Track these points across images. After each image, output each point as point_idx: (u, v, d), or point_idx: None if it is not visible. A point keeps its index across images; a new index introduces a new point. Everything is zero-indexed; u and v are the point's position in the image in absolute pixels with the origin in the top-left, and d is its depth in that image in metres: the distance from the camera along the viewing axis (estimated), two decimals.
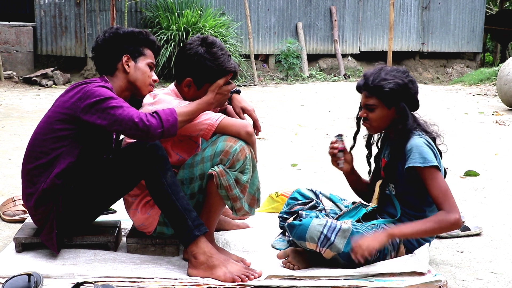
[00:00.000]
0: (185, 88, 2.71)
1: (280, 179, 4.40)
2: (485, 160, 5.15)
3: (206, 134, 2.61)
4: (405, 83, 2.61)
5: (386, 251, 2.58)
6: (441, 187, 2.52)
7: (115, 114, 2.43)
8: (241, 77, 11.70)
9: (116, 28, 2.72)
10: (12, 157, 5.00)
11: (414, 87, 2.65)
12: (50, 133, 2.56)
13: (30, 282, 2.30)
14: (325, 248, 2.49)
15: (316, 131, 6.78)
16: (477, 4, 14.80)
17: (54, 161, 2.55)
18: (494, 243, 3.09)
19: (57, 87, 10.69)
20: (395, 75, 2.62)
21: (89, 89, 2.52)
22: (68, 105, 2.54)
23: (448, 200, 2.51)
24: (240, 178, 2.56)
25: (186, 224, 2.51)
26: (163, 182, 2.51)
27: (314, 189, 3.03)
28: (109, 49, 2.68)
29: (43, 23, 11.64)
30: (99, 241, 2.76)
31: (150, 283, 2.42)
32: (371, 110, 2.65)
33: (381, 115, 2.65)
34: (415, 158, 2.54)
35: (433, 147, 2.60)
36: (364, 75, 2.70)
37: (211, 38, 2.71)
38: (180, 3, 11.66)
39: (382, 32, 13.92)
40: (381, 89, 2.59)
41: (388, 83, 2.59)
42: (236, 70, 2.70)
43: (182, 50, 2.70)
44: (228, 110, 2.92)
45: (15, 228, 3.12)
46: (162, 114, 2.45)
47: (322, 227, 2.50)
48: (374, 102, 2.63)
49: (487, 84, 11.65)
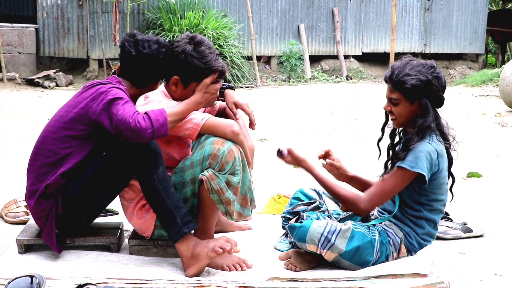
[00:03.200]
0: (172, 86, 2.70)
1: (282, 180, 4.40)
2: (487, 162, 5.14)
3: (192, 134, 2.60)
4: (428, 79, 2.58)
5: (387, 251, 2.59)
6: (387, 185, 2.57)
7: (117, 115, 2.44)
8: (243, 79, 11.70)
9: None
10: (14, 159, 5.01)
11: (439, 83, 2.61)
12: (61, 132, 2.57)
13: (32, 284, 2.30)
14: (325, 250, 2.49)
15: (319, 132, 6.77)
16: (479, 5, 14.78)
17: (62, 160, 2.56)
18: (497, 244, 3.08)
19: (60, 89, 10.70)
20: (420, 70, 2.59)
21: (103, 91, 2.53)
22: (82, 106, 2.55)
23: (376, 196, 2.57)
24: (231, 180, 2.56)
25: (175, 221, 2.52)
26: (154, 177, 2.52)
27: (317, 189, 3.02)
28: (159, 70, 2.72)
29: (45, 24, 11.66)
30: (101, 243, 2.76)
31: (152, 284, 2.42)
32: (395, 104, 2.65)
33: (404, 109, 2.64)
34: (408, 159, 2.54)
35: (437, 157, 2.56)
36: (391, 66, 2.69)
37: (200, 36, 2.68)
38: (182, 5, 11.67)
39: (384, 34, 13.91)
40: (404, 84, 2.59)
41: (411, 79, 2.57)
42: (224, 69, 2.67)
43: (170, 48, 2.67)
44: (224, 107, 2.92)
45: (17, 229, 3.12)
46: (151, 114, 2.44)
47: (322, 229, 2.51)
48: (397, 96, 2.63)
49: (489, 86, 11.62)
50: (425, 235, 2.64)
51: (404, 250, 2.63)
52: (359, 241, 2.53)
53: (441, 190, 2.62)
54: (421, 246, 2.63)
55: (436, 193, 2.61)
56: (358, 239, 2.53)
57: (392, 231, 2.63)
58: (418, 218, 2.62)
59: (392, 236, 2.61)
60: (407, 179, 2.55)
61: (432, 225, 2.65)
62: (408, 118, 2.65)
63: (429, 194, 2.60)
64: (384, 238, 2.59)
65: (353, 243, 2.51)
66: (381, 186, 2.59)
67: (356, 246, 2.51)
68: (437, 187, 2.60)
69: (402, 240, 2.62)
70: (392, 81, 2.63)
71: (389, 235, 2.61)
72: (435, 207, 2.63)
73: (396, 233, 2.63)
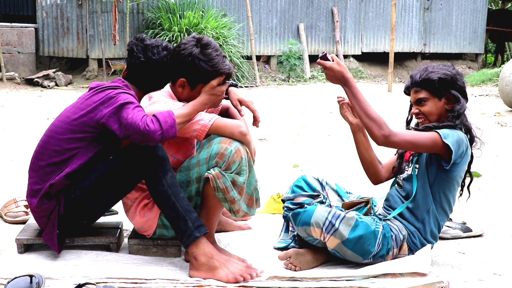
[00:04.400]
0: (179, 88, 2.70)
1: (281, 180, 4.40)
2: (487, 161, 5.14)
3: (199, 136, 2.60)
4: (453, 73, 2.67)
5: (389, 245, 2.60)
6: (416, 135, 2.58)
7: (127, 118, 2.44)
8: (242, 78, 11.71)
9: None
10: (14, 158, 5.01)
11: (461, 79, 2.70)
12: (68, 134, 2.57)
13: (32, 283, 2.30)
14: (329, 234, 2.50)
15: (318, 132, 6.77)
16: (479, 5, 14.79)
17: (67, 161, 2.56)
18: (496, 244, 3.08)
19: (59, 88, 10.70)
20: (442, 67, 2.70)
21: (113, 95, 2.53)
22: (90, 109, 2.54)
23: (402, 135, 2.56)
24: (237, 180, 2.56)
25: (186, 225, 2.51)
26: (164, 183, 2.52)
27: (320, 179, 3.01)
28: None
29: (45, 24, 11.65)
30: (101, 242, 2.76)
31: (152, 284, 2.42)
32: (423, 105, 2.70)
33: (433, 107, 2.69)
34: (445, 131, 2.58)
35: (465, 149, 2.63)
36: (410, 76, 2.76)
37: (206, 38, 2.67)
38: (182, 4, 11.67)
39: (384, 33, 13.91)
40: (430, 80, 2.65)
41: (436, 74, 2.65)
42: (231, 72, 2.68)
43: (176, 50, 2.67)
44: (228, 107, 2.92)
45: (17, 229, 3.12)
46: (160, 117, 2.44)
47: (327, 213, 2.52)
48: (425, 95, 2.68)
49: (489, 85, 11.63)
50: (430, 236, 2.66)
51: (405, 248, 2.64)
52: (363, 230, 2.53)
53: (453, 185, 2.67)
54: (423, 245, 2.65)
55: (448, 188, 2.65)
56: (362, 228, 2.53)
57: (396, 227, 2.65)
58: (425, 218, 2.64)
59: (395, 232, 2.63)
60: (436, 145, 2.57)
61: (437, 227, 2.68)
62: (439, 115, 2.69)
63: (442, 185, 2.64)
64: (387, 232, 2.60)
65: (357, 232, 2.52)
66: (412, 133, 2.62)
67: (359, 235, 2.52)
68: (451, 180, 2.65)
69: (405, 238, 2.64)
70: (417, 83, 2.69)
71: (392, 230, 2.63)
72: (443, 207, 2.66)
73: (400, 230, 2.64)
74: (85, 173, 2.58)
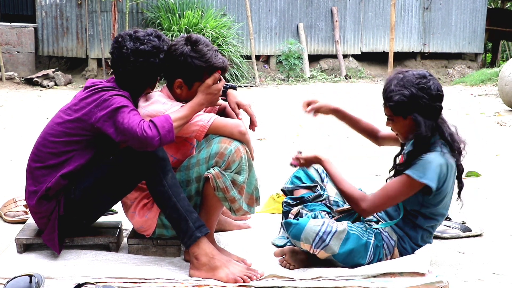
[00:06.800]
0: (177, 90, 2.68)
1: (281, 179, 4.39)
2: (486, 161, 5.14)
3: (198, 136, 2.60)
4: (412, 93, 2.47)
5: (381, 255, 2.58)
6: (391, 191, 2.52)
7: (123, 123, 2.43)
8: (242, 78, 11.70)
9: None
10: (13, 158, 5.01)
11: (427, 93, 2.49)
12: (63, 136, 2.56)
13: (31, 283, 2.30)
14: (319, 249, 2.49)
15: (317, 132, 6.77)
16: (478, 4, 14.79)
17: (63, 163, 2.56)
18: (496, 244, 3.08)
19: (59, 88, 10.70)
20: (404, 84, 2.49)
21: (107, 98, 2.51)
22: (85, 111, 2.53)
23: (379, 200, 2.53)
24: (237, 179, 2.56)
25: (187, 226, 2.51)
26: (164, 184, 2.52)
27: (320, 170, 2.99)
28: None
29: (44, 24, 11.65)
30: (100, 242, 2.76)
31: (151, 284, 2.42)
32: (391, 120, 2.60)
33: (399, 125, 2.58)
34: (417, 168, 2.47)
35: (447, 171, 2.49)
36: (385, 80, 2.62)
37: (195, 36, 2.66)
38: (181, 4, 11.67)
39: (383, 33, 13.92)
40: (389, 101, 2.52)
41: (395, 95, 2.49)
42: (225, 65, 2.65)
43: (168, 52, 2.66)
44: (225, 106, 2.91)
45: (16, 229, 3.12)
46: (157, 122, 2.42)
47: (318, 228, 2.49)
48: (389, 113, 2.58)
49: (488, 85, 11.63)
50: (420, 241, 2.62)
51: (397, 253, 2.61)
52: (354, 244, 2.51)
53: (443, 204, 2.58)
54: (414, 251, 2.61)
55: (437, 207, 2.57)
56: (352, 242, 2.51)
57: (387, 234, 2.62)
58: (414, 225, 2.60)
59: (386, 240, 2.60)
60: (413, 189, 2.49)
61: (427, 234, 2.64)
62: (408, 132, 2.57)
63: (431, 207, 2.56)
64: (379, 242, 2.58)
65: (347, 246, 2.50)
66: (386, 191, 2.54)
67: (349, 249, 2.50)
68: (439, 201, 2.55)
69: (396, 243, 2.61)
70: (383, 98, 2.58)
71: (383, 239, 2.60)
72: (434, 218, 2.60)
73: (390, 236, 2.61)
74: (85, 174, 2.58)
